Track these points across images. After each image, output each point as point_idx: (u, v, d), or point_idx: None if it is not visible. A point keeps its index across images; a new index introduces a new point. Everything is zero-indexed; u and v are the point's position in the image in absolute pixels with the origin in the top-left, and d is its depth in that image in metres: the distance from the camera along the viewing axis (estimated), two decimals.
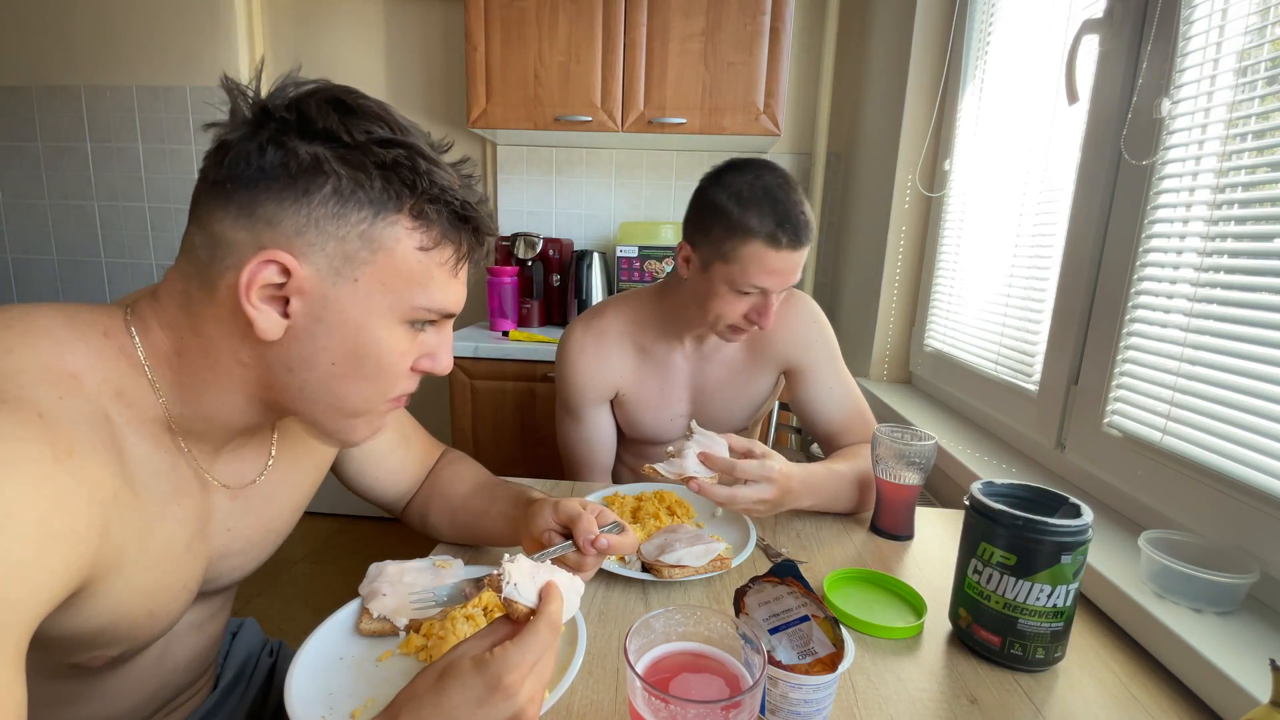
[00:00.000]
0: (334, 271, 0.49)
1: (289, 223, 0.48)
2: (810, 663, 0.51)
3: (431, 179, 0.50)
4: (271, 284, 0.48)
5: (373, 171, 0.48)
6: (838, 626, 0.52)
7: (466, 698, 0.43)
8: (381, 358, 0.53)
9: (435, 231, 0.52)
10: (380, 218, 0.49)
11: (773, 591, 0.55)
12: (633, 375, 1.13)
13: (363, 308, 0.51)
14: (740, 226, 0.91)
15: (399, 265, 0.51)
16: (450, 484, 0.85)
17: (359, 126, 0.48)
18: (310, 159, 0.47)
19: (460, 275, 0.56)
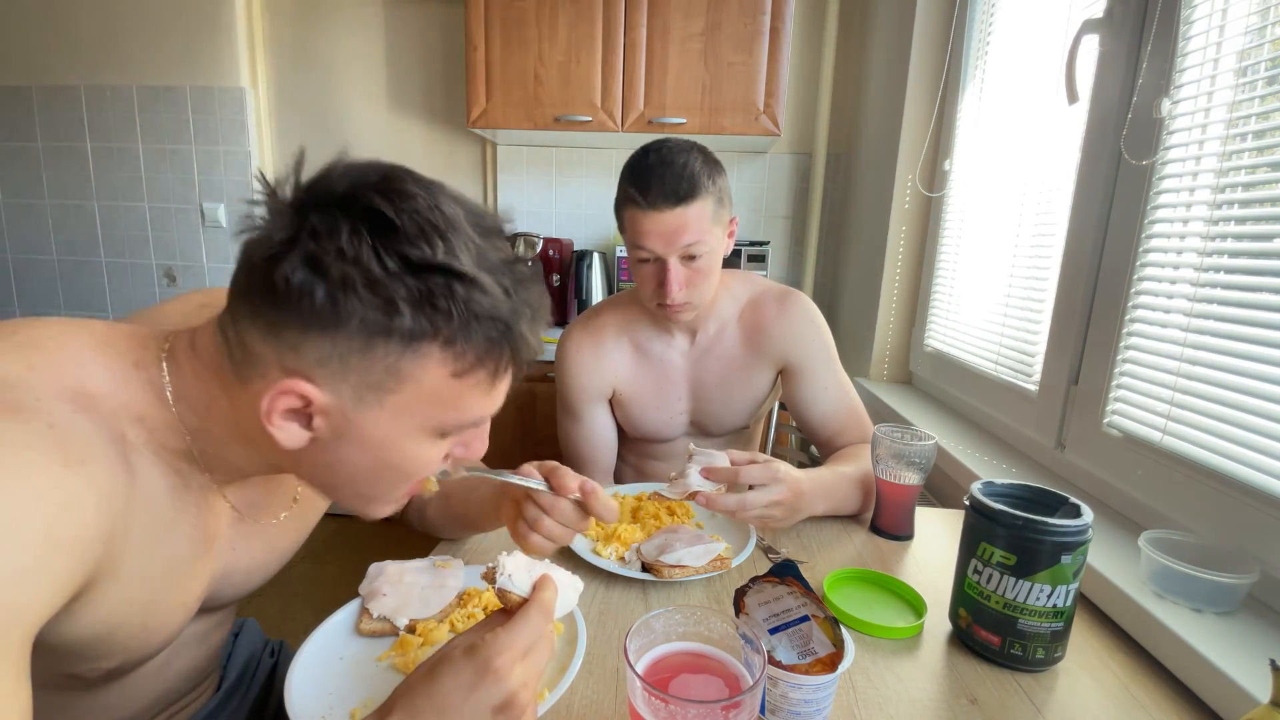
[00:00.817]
0: (357, 399, 0.47)
1: (313, 352, 0.45)
2: (810, 663, 0.51)
3: (469, 306, 0.46)
4: (292, 408, 0.47)
5: (403, 304, 0.44)
6: (838, 626, 0.52)
7: (458, 683, 0.43)
8: (408, 468, 0.52)
9: (470, 358, 0.47)
10: (409, 351, 0.46)
11: (773, 591, 0.55)
12: (630, 373, 1.13)
13: (388, 430, 0.49)
14: (621, 195, 0.99)
15: (428, 392, 0.48)
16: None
17: (394, 249, 0.44)
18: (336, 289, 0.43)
19: (501, 386, 0.52)
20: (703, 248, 0.96)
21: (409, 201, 0.45)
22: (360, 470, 0.51)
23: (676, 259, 0.97)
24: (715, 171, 0.98)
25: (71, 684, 0.53)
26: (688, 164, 0.94)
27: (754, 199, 2.38)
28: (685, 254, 0.96)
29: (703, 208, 0.95)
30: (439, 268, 0.44)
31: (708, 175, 0.96)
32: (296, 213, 0.44)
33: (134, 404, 0.49)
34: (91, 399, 0.46)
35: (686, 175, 0.94)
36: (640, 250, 0.98)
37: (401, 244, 0.44)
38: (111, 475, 0.45)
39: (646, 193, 0.94)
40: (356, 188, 0.45)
